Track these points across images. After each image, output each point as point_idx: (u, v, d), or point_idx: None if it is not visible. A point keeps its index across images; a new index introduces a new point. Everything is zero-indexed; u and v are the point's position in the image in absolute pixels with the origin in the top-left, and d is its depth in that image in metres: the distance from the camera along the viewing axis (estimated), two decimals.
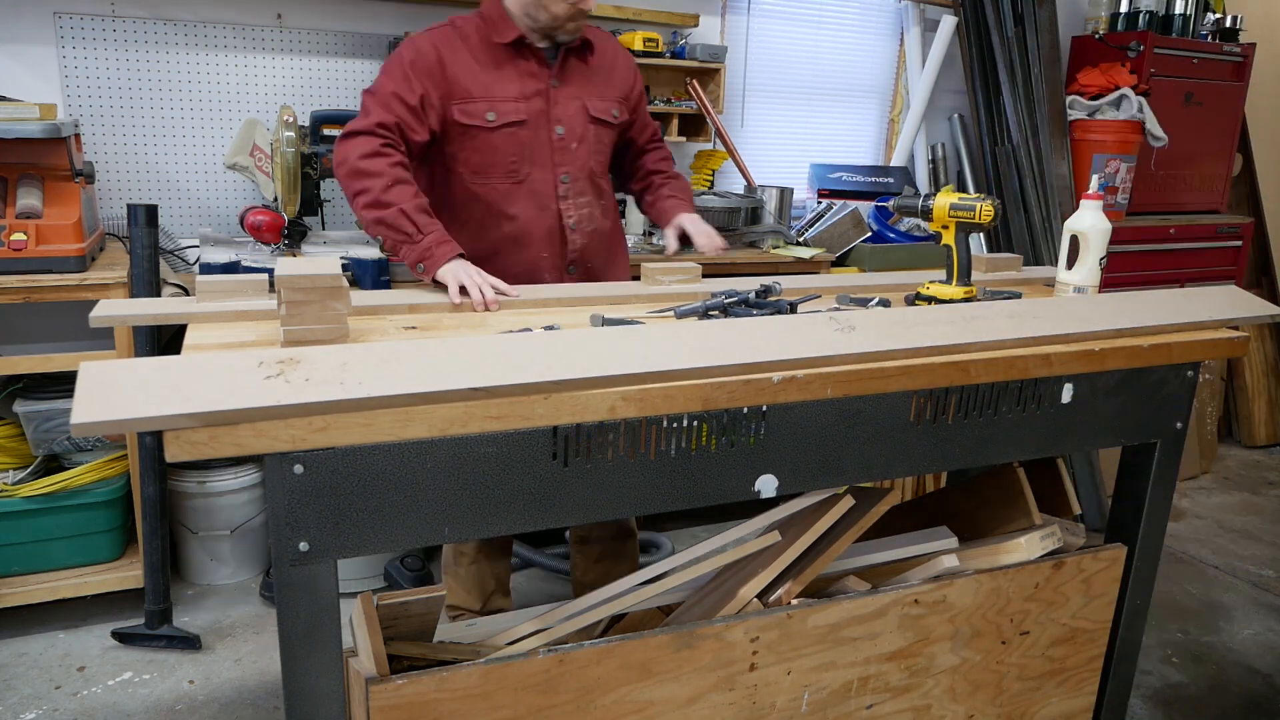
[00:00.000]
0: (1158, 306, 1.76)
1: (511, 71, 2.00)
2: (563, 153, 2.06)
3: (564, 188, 2.07)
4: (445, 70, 1.95)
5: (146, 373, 1.10)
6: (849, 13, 3.77)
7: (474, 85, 1.97)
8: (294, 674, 1.21)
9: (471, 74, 1.97)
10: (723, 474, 1.38)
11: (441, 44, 1.97)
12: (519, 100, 1.99)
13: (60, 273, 2.28)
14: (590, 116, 2.08)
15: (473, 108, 1.97)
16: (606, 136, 2.14)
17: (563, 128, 2.04)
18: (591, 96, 2.08)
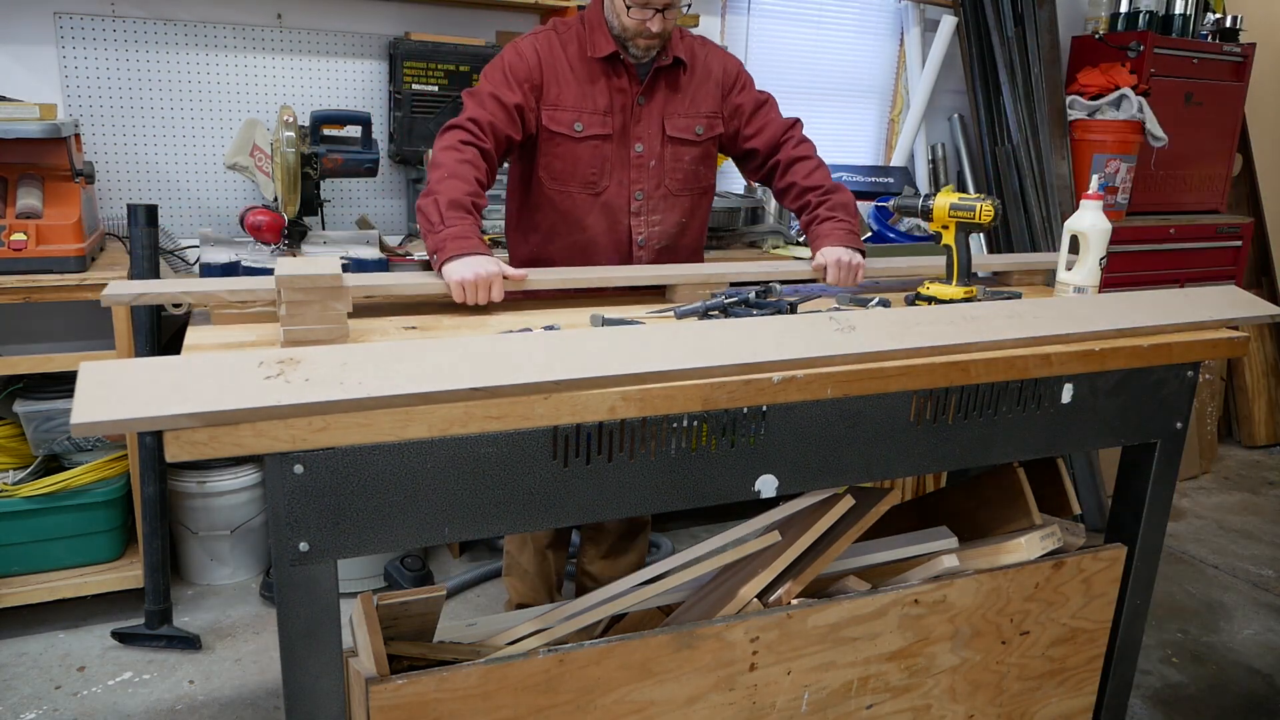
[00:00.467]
0: (1158, 306, 1.76)
1: (604, 84, 2.02)
2: (639, 169, 2.07)
3: (636, 204, 2.08)
4: (542, 74, 1.99)
5: (146, 373, 1.10)
6: (849, 13, 3.77)
7: (566, 94, 2.00)
8: (294, 674, 1.21)
9: (565, 82, 2.00)
10: (723, 474, 1.38)
11: (541, 48, 2.00)
12: (606, 114, 2.02)
13: (60, 273, 2.28)
14: (666, 135, 2.07)
15: (562, 116, 2.00)
16: (688, 154, 2.12)
17: (641, 145, 2.06)
18: (674, 114, 2.08)
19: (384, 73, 3.01)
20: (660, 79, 2.06)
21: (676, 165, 2.11)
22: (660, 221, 2.12)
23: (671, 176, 2.11)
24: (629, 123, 2.05)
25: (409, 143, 2.97)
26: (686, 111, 2.09)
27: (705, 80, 2.12)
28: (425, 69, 2.93)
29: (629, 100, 2.04)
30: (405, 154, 3.00)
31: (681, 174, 2.12)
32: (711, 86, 2.12)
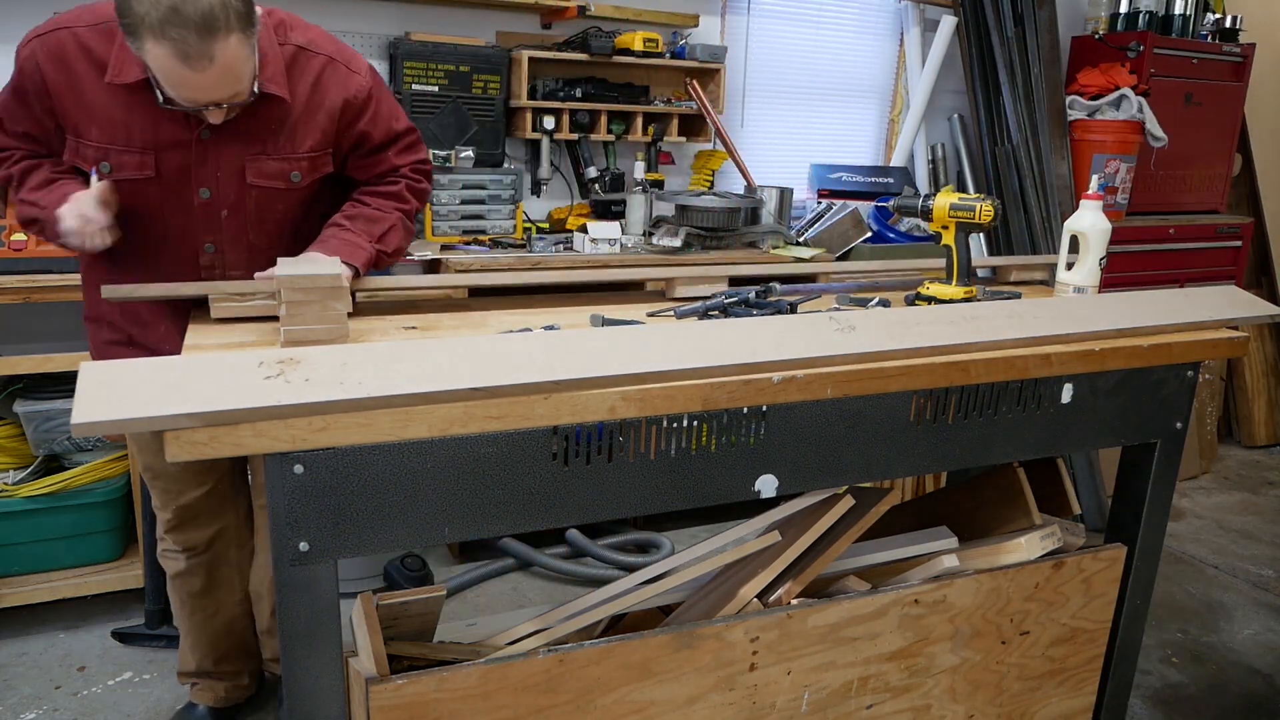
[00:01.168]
0: (1158, 306, 1.76)
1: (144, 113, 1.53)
2: (208, 220, 1.65)
3: (207, 258, 1.68)
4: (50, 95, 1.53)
5: (146, 373, 1.10)
6: (849, 13, 3.77)
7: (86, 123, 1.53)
8: (294, 674, 1.21)
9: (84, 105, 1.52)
10: (723, 474, 1.39)
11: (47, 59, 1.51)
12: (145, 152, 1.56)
13: (60, 273, 2.28)
14: (246, 183, 1.63)
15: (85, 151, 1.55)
16: (278, 203, 1.68)
17: (209, 190, 1.62)
18: (257, 155, 1.62)
19: (384, 73, 3.01)
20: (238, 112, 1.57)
21: (265, 218, 1.69)
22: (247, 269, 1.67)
23: (257, 230, 1.69)
24: (189, 163, 1.59)
25: None
26: (281, 151, 1.64)
27: (316, 109, 1.66)
28: (425, 69, 2.93)
29: (188, 135, 1.57)
30: None
31: (272, 225, 1.71)
32: (322, 118, 1.66)
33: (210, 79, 1.41)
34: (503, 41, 3.14)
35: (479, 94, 3.01)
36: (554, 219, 3.30)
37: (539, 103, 3.05)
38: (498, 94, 3.04)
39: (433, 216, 2.93)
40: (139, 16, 1.34)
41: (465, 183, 2.97)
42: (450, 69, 2.95)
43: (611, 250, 2.96)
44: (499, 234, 3.04)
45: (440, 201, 2.94)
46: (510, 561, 2.94)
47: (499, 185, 3.03)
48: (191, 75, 1.40)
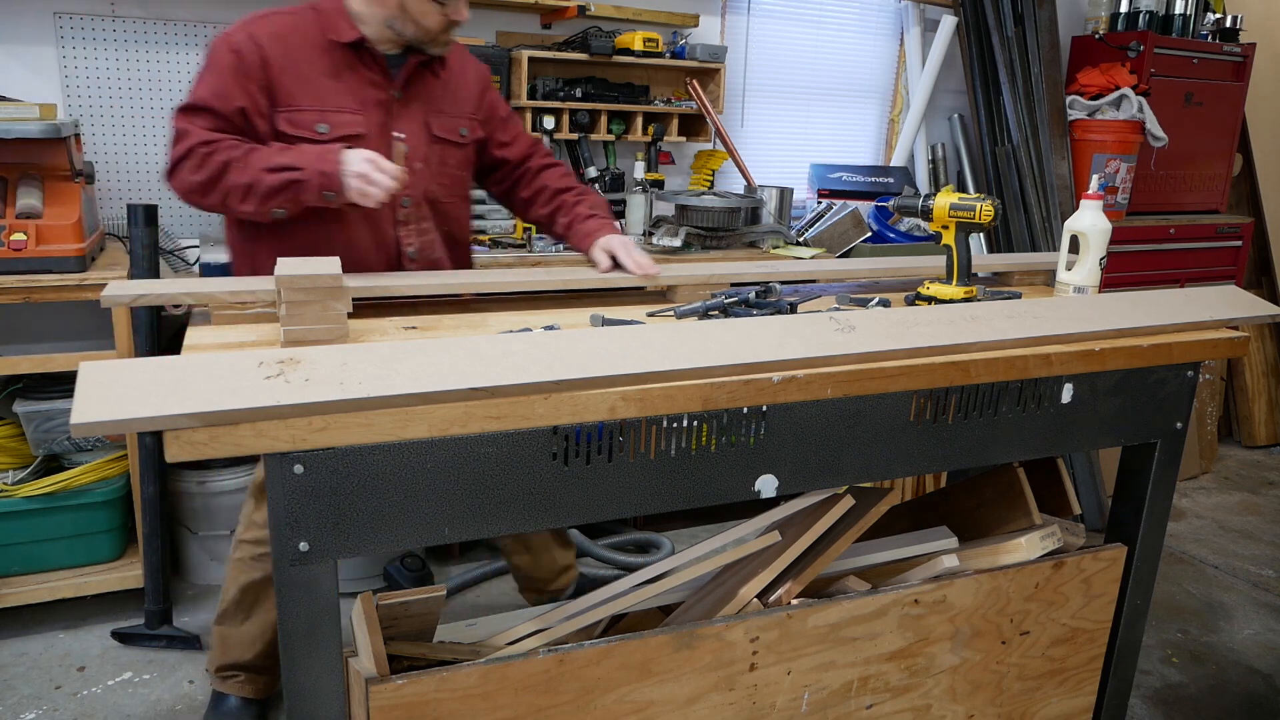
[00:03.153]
0: (1158, 306, 1.76)
1: (350, 77, 1.77)
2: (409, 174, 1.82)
3: (404, 212, 1.88)
4: (270, 71, 1.72)
5: (146, 372, 1.10)
6: (849, 13, 3.77)
7: (303, 91, 1.74)
8: (294, 674, 1.21)
9: (301, 77, 1.73)
10: (723, 474, 1.39)
11: (267, 40, 1.72)
12: (357, 111, 1.78)
13: (60, 273, 2.28)
14: (433, 135, 1.89)
15: (301, 117, 1.75)
16: (454, 157, 1.94)
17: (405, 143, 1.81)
18: (437, 112, 1.88)
19: None
20: (417, 71, 1.87)
21: (444, 170, 1.93)
22: (430, 231, 1.92)
23: (438, 181, 1.92)
24: (387, 119, 1.83)
25: None
26: (451, 110, 1.91)
27: (464, 78, 1.96)
28: None
29: (384, 96, 1.82)
30: None
31: (449, 180, 1.94)
32: (468, 88, 1.96)
33: None
34: (503, 41, 3.13)
35: None
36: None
37: (539, 102, 3.05)
38: None
39: None
40: None
41: None
42: None
43: None
44: (499, 234, 3.04)
45: None
46: None
47: None
48: None
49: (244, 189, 1.67)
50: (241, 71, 1.71)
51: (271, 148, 1.70)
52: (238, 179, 1.66)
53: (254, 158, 1.67)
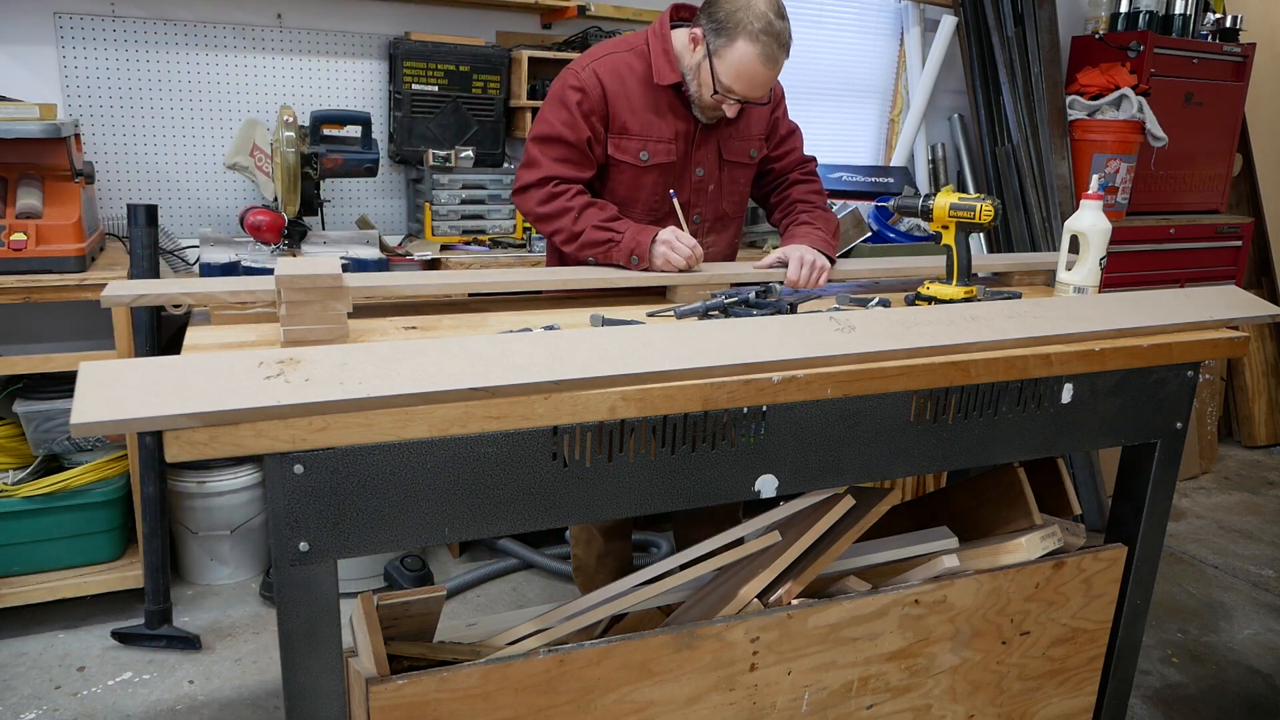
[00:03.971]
0: (1158, 306, 1.76)
1: (667, 112, 2.00)
2: (699, 194, 2.08)
3: (694, 228, 2.09)
4: (609, 104, 1.96)
5: (146, 372, 1.10)
6: (849, 13, 3.77)
7: (632, 122, 1.98)
8: (294, 674, 1.21)
9: (631, 110, 1.97)
10: (723, 474, 1.38)
11: (606, 77, 1.96)
12: (670, 142, 2.00)
13: (60, 273, 2.28)
14: (724, 159, 2.08)
15: (628, 145, 1.99)
16: (742, 176, 2.15)
17: (702, 169, 2.06)
18: (730, 138, 2.07)
19: (384, 73, 3.01)
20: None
21: (733, 189, 2.13)
22: (714, 244, 2.14)
23: (729, 199, 2.14)
24: (690, 148, 2.03)
25: (409, 143, 2.97)
26: (741, 134, 2.08)
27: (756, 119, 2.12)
28: (425, 69, 2.93)
29: (690, 126, 2.02)
30: (405, 154, 3.00)
31: (737, 196, 2.15)
32: (759, 111, 2.12)
33: (766, 80, 1.89)
34: (503, 41, 3.13)
35: (479, 94, 3.01)
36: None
37: (539, 103, 3.04)
38: (498, 94, 3.04)
39: (432, 216, 2.93)
40: (741, 21, 1.83)
41: (465, 183, 2.97)
42: (450, 69, 2.95)
43: None
44: (499, 234, 3.04)
45: (440, 201, 2.94)
46: (511, 561, 2.94)
47: (499, 185, 3.03)
48: (761, 73, 1.86)
49: (571, 235, 1.94)
50: (586, 106, 1.94)
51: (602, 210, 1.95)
52: (570, 226, 1.94)
53: (587, 215, 1.94)
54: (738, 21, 1.83)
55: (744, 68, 1.85)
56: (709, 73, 1.89)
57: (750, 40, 1.82)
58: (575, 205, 1.94)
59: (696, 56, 1.91)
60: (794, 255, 1.96)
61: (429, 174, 2.92)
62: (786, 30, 1.87)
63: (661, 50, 1.97)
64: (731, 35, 1.84)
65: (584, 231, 1.92)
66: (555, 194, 1.95)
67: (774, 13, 1.84)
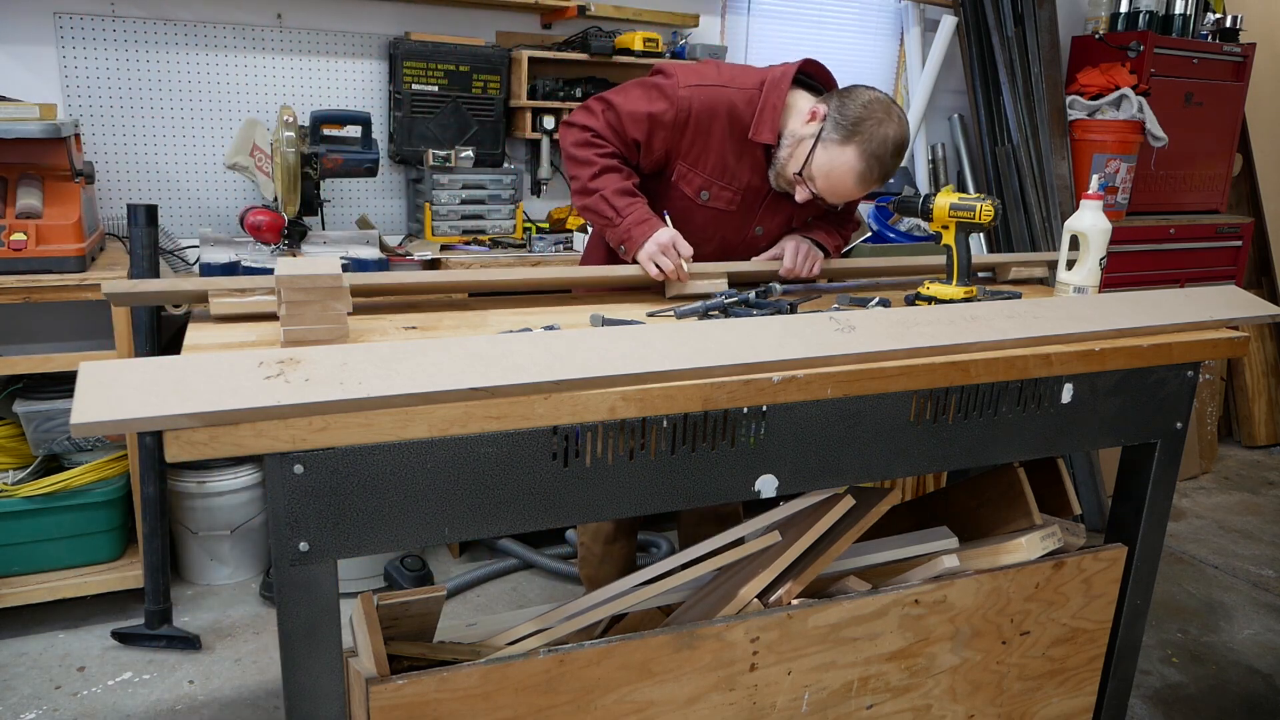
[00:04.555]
0: (1158, 306, 1.76)
1: (746, 164, 1.92)
2: (750, 249, 2.03)
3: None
4: (687, 134, 1.88)
5: (146, 372, 1.10)
6: (849, 13, 3.77)
7: (705, 159, 1.91)
8: (294, 674, 1.21)
9: (710, 149, 1.90)
10: (723, 474, 1.38)
11: (700, 108, 1.87)
12: (737, 193, 1.94)
13: (60, 273, 2.28)
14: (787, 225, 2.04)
15: (693, 178, 1.93)
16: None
17: (762, 229, 2.01)
18: (802, 211, 2.00)
19: (384, 73, 3.01)
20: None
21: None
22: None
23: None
24: (757, 206, 1.98)
25: (409, 143, 2.97)
26: (812, 208, 2.01)
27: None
28: (425, 69, 2.93)
29: (763, 185, 1.95)
30: (405, 154, 3.00)
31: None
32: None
33: (848, 194, 1.86)
34: (503, 41, 3.13)
35: (479, 94, 3.01)
36: (554, 219, 3.30)
37: (539, 103, 3.05)
38: (498, 94, 3.04)
39: (432, 216, 2.93)
40: (863, 133, 1.78)
41: (465, 183, 2.97)
42: (450, 69, 2.95)
43: None
44: (499, 234, 3.04)
45: (440, 201, 2.94)
46: (511, 561, 2.94)
47: (499, 185, 3.03)
48: (850, 189, 1.84)
49: (583, 189, 1.89)
50: (660, 120, 1.87)
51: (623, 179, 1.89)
52: (585, 179, 1.88)
53: (606, 178, 1.88)
54: (860, 131, 1.77)
55: (838, 174, 1.80)
56: (806, 153, 1.83)
57: (860, 155, 1.78)
58: (600, 164, 1.88)
59: (806, 131, 1.84)
60: (788, 246, 1.96)
61: (429, 174, 2.92)
62: (895, 168, 1.84)
63: (771, 107, 1.87)
64: (846, 139, 1.78)
65: (596, 193, 1.87)
66: (593, 143, 1.89)
67: (894, 144, 1.79)
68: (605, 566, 2.28)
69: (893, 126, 1.79)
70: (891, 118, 1.80)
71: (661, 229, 1.85)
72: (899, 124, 1.81)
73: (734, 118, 1.88)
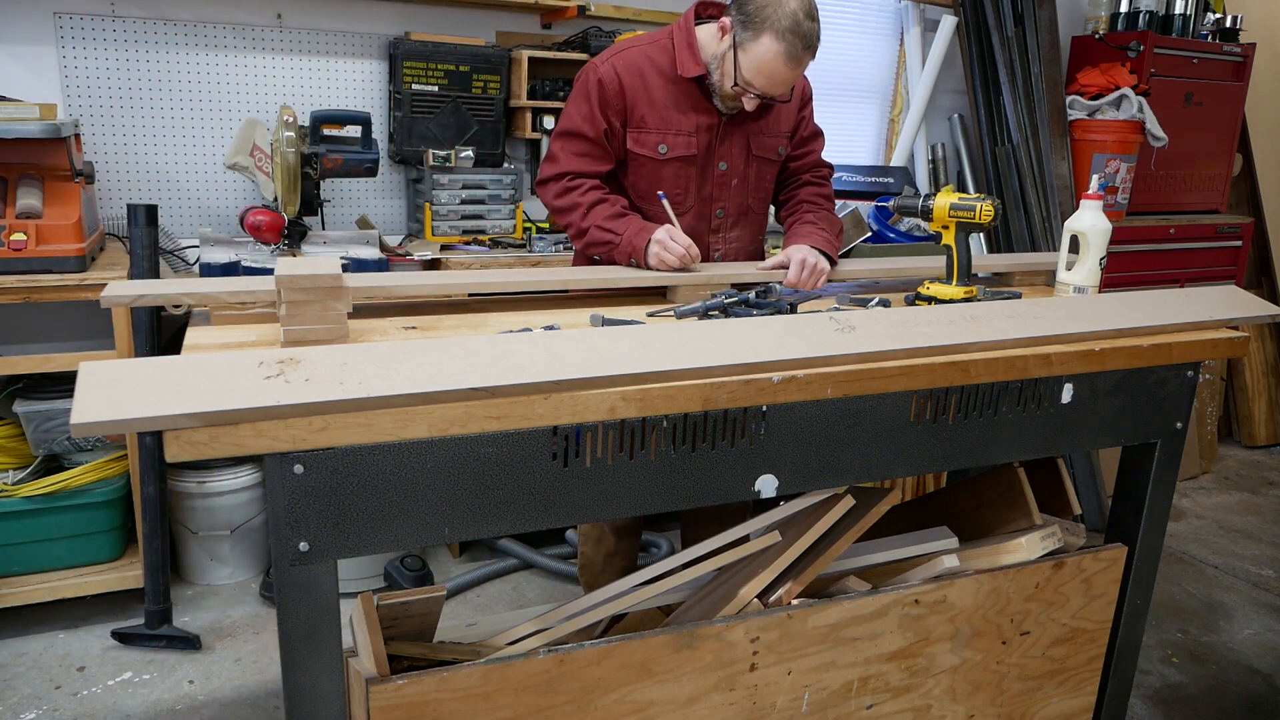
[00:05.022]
0: (1158, 306, 1.76)
1: (688, 105, 1.98)
2: (722, 188, 2.06)
3: (717, 221, 2.09)
4: (626, 97, 1.96)
5: (146, 372, 1.10)
6: (849, 13, 3.77)
7: (651, 115, 1.98)
8: (294, 674, 1.21)
9: (650, 104, 1.97)
10: (723, 474, 1.38)
11: (624, 71, 1.96)
12: (691, 135, 1.99)
13: (60, 273, 2.28)
14: (751, 154, 2.07)
15: (646, 138, 1.98)
16: (768, 172, 2.14)
17: (726, 164, 2.04)
18: (758, 133, 2.06)
19: (384, 73, 3.01)
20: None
21: (760, 184, 2.12)
22: (737, 239, 2.13)
23: (754, 195, 2.12)
24: (714, 142, 2.02)
25: (409, 143, 2.97)
26: (770, 130, 2.08)
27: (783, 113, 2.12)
28: (425, 69, 2.93)
29: (714, 120, 2.01)
30: (405, 154, 3.00)
31: (762, 191, 2.14)
32: (793, 105, 2.11)
33: (786, 80, 1.89)
34: (503, 41, 3.13)
35: (479, 94, 3.01)
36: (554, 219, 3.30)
37: (539, 103, 3.05)
38: (498, 94, 3.04)
39: (432, 216, 2.93)
40: (769, 17, 1.82)
41: (465, 183, 2.97)
42: (450, 69, 2.95)
43: None
44: (499, 234, 3.04)
45: (440, 201, 2.94)
46: (511, 561, 2.94)
47: (499, 185, 3.03)
48: (782, 72, 1.86)
49: (579, 231, 1.99)
50: (604, 100, 1.95)
51: (610, 206, 1.98)
52: (578, 222, 1.98)
53: (595, 212, 1.96)
54: (766, 17, 1.82)
55: (766, 64, 1.84)
56: (732, 64, 1.88)
57: (776, 37, 1.82)
58: (585, 201, 1.96)
59: (722, 46, 1.90)
60: (795, 257, 1.96)
61: (429, 174, 2.92)
62: (815, 32, 1.87)
63: (685, 44, 1.96)
64: (758, 30, 1.83)
65: (589, 229, 1.95)
66: (570, 188, 1.98)
67: (804, 12, 1.84)
68: (605, 575, 2.28)
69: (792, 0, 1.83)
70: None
71: (657, 228, 1.89)
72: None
73: (656, 66, 1.97)
